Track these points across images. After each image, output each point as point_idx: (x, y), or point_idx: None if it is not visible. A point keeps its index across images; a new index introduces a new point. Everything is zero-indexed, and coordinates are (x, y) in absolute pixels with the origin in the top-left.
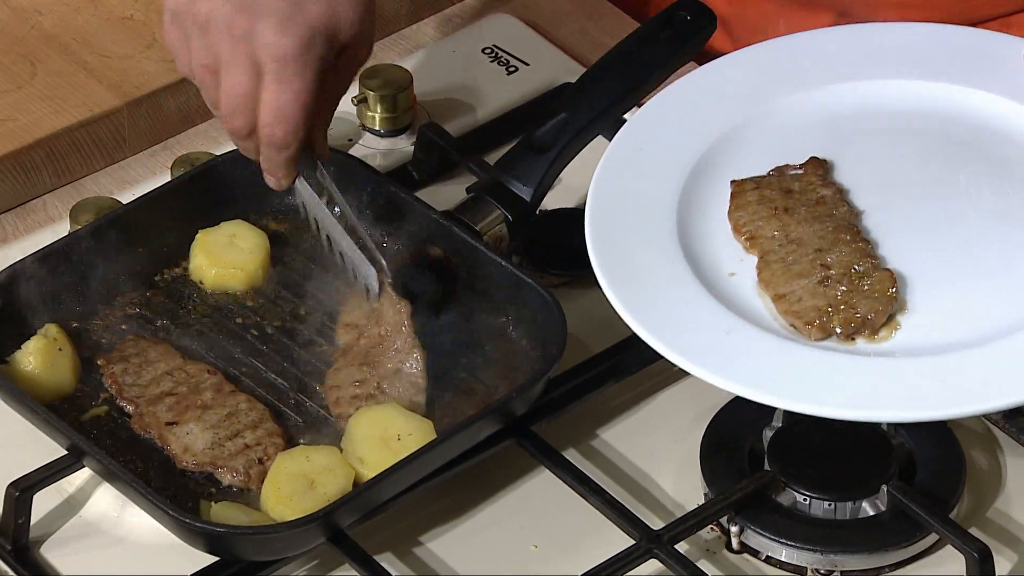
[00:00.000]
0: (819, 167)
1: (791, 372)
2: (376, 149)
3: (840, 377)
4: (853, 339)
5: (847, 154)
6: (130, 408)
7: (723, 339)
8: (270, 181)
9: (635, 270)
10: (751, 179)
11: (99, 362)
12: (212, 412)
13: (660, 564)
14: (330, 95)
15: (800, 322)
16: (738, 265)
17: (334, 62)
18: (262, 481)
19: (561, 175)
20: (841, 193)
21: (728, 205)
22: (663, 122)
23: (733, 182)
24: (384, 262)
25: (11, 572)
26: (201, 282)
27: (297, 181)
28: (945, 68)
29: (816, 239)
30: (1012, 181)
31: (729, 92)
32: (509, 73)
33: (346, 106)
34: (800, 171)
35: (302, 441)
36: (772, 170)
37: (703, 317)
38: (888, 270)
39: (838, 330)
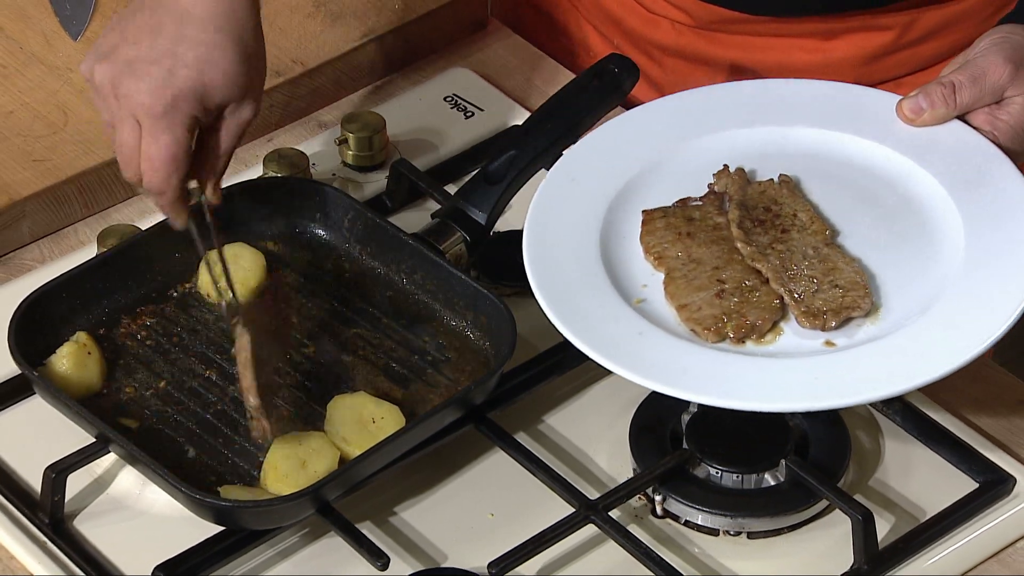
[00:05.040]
0: (716, 199)
1: (690, 368)
2: (356, 181)
3: (730, 373)
4: (743, 342)
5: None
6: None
7: (636, 340)
8: (168, 218)
9: (564, 283)
10: (659, 209)
11: (121, 363)
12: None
13: (596, 528)
14: (215, 148)
15: (699, 327)
16: (649, 279)
17: (214, 121)
18: (273, 436)
19: (511, 202)
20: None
21: (640, 231)
22: (591, 158)
23: (644, 212)
24: (237, 303)
25: (48, 542)
26: (208, 295)
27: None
28: (830, 118)
29: (713, 259)
30: (880, 209)
31: (647, 134)
32: (467, 117)
33: (330, 146)
34: (700, 203)
35: (294, 428)
36: (677, 202)
37: (619, 322)
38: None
39: (731, 334)
